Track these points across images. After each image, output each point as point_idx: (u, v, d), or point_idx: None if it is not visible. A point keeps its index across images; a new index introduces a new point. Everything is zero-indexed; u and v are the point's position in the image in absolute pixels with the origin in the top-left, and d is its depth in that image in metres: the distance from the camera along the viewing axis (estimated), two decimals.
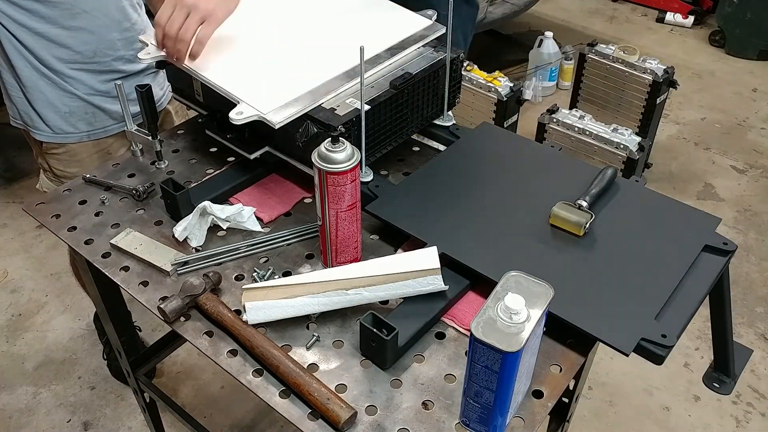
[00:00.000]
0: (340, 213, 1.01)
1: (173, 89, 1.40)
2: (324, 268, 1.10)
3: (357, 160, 0.98)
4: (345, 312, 1.02)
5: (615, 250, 1.09)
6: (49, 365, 2.18)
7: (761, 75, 3.71)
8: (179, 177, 1.29)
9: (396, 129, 1.24)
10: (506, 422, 0.87)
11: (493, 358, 0.77)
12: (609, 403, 2.06)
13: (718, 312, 1.19)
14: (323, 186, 0.99)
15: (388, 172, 1.32)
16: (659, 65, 2.66)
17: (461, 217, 1.15)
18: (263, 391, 0.93)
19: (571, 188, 1.17)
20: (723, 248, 1.09)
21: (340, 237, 1.04)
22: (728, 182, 2.96)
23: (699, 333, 2.26)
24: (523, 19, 3.98)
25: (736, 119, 3.37)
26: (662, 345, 0.93)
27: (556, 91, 3.57)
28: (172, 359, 2.12)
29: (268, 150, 1.25)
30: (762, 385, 2.11)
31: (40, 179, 1.65)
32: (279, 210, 1.22)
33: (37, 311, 2.37)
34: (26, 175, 2.98)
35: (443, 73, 1.28)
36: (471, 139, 1.33)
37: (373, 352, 0.95)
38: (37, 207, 1.25)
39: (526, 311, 0.78)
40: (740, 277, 2.46)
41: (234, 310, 1.02)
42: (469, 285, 1.05)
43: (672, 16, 4.19)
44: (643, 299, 1.00)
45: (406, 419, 0.89)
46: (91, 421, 2.01)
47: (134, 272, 1.11)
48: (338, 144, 0.97)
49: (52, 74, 1.46)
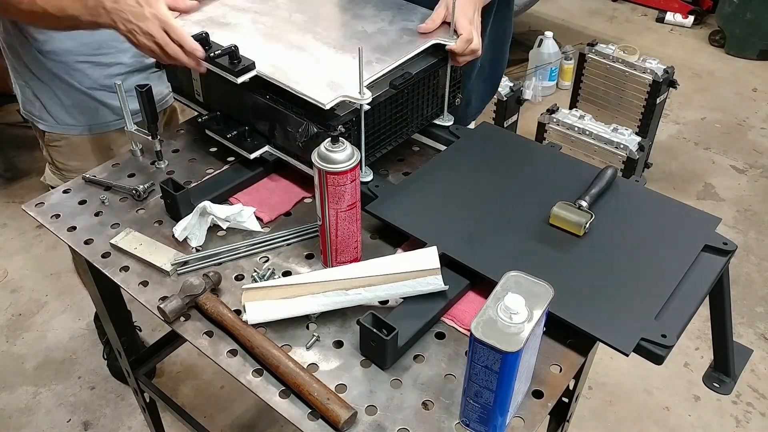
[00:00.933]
0: (340, 213, 1.01)
1: (173, 89, 1.40)
2: (324, 268, 1.10)
3: (357, 160, 0.98)
4: (345, 312, 1.02)
5: (615, 250, 1.09)
6: (49, 365, 2.18)
7: (761, 75, 3.71)
8: (179, 177, 1.29)
9: (396, 129, 1.24)
10: (506, 422, 0.87)
11: (493, 358, 0.77)
12: (609, 403, 2.06)
13: (718, 312, 1.19)
14: (323, 186, 0.99)
15: (388, 172, 1.32)
16: (659, 65, 2.66)
17: (461, 217, 1.14)
18: (263, 391, 0.93)
19: (571, 188, 1.17)
20: (723, 248, 1.08)
21: (340, 237, 1.04)
22: (728, 182, 2.96)
23: (699, 333, 2.26)
24: (523, 19, 3.98)
25: (736, 119, 3.37)
26: (662, 345, 0.93)
27: (556, 91, 3.57)
28: (172, 359, 2.12)
29: (268, 150, 1.25)
30: (762, 385, 2.11)
31: (45, 173, 1.66)
32: (279, 210, 1.22)
33: (37, 311, 2.37)
34: (26, 175, 2.98)
35: (443, 73, 1.28)
36: (471, 139, 1.33)
37: (373, 352, 0.95)
38: (37, 207, 1.25)
39: (526, 311, 0.78)
40: (740, 277, 2.46)
41: (234, 310, 1.02)
42: (469, 285, 1.05)
43: (672, 16, 4.19)
44: (643, 299, 1.00)
45: (406, 419, 0.89)
46: (91, 421, 2.01)
47: (134, 272, 1.11)
48: (338, 144, 0.97)
49: (57, 66, 1.46)
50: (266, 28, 1.28)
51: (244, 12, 1.33)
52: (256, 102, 1.20)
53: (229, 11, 1.33)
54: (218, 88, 1.21)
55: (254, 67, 1.14)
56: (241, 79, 1.13)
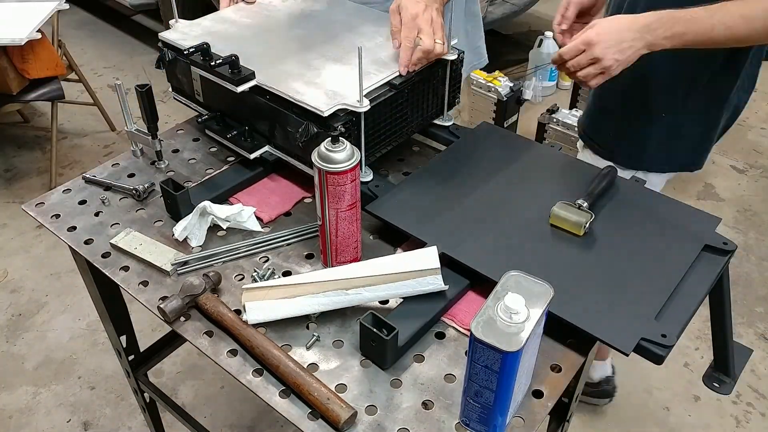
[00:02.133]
0: (340, 213, 1.01)
1: (173, 89, 1.40)
2: (324, 268, 1.10)
3: (357, 160, 0.98)
4: (345, 312, 1.02)
5: (615, 250, 1.09)
6: (49, 365, 2.18)
7: (761, 75, 3.70)
8: (179, 177, 1.29)
9: (396, 129, 1.24)
10: (506, 422, 0.87)
11: (493, 358, 0.77)
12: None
13: (718, 312, 1.19)
14: (323, 186, 0.99)
15: (388, 172, 1.32)
16: None
17: (461, 217, 1.15)
18: (263, 391, 0.93)
19: (571, 188, 1.17)
20: (723, 248, 1.09)
21: (340, 237, 1.05)
22: (728, 182, 2.96)
23: (699, 333, 2.26)
24: (523, 19, 3.98)
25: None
26: (662, 345, 0.93)
27: (556, 91, 3.56)
28: (172, 359, 2.12)
29: (268, 150, 1.25)
30: (762, 385, 2.11)
31: None
32: (279, 210, 1.22)
33: (37, 311, 2.37)
34: (26, 175, 2.98)
35: (443, 73, 1.28)
36: (471, 139, 1.33)
37: (373, 352, 0.95)
38: (37, 207, 1.25)
39: (526, 311, 0.78)
40: (740, 277, 2.46)
41: (234, 310, 1.02)
42: (469, 285, 1.05)
43: None
44: (643, 299, 1.00)
45: (406, 419, 0.89)
46: (91, 421, 2.01)
47: (134, 272, 1.11)
48: (338, 144, 0.97)
49: None
50: (266, 42, 1.30)
51: (245, 27, 1.35)
52: (256, 102, 1.20)
53: (230, 26, 1.35)
54: (218, 88, 1.21)
55: (254, 76, 1.17)
56: (240, 88, 1.15)
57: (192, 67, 1.27)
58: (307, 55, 1.26)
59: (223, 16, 1.40)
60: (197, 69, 1.26)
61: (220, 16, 1.40)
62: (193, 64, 1.25)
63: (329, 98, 1.12)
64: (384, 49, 1.26)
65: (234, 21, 1.38)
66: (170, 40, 1.30)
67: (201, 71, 1.25)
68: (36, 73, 2.64)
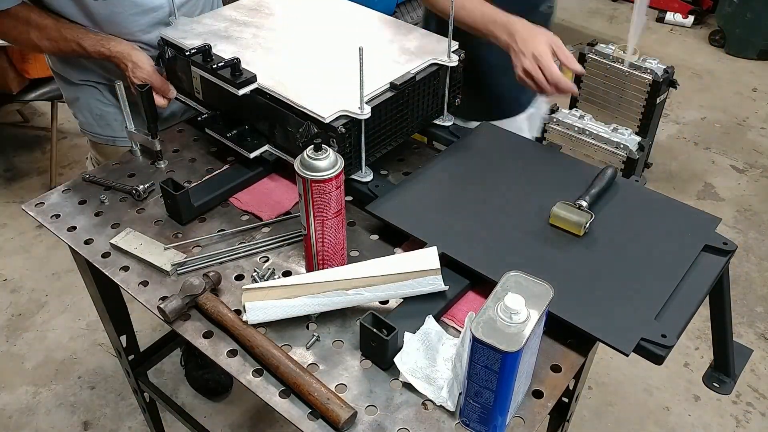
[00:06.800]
0: (327, 221, 1.00)
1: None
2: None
3: (341, 167, 0.96)
4: (345, 312, 1.02)
5: (615, 250, 1.09)
6: (49, 365, 2.18)
7: (761, 75, 3.71)
8: (179, 177, 1.29)
9: (396, 129, 1.24)
10: (506, 422, 0.87)
11: (493, 358, 0.77)
12: (609, 403, 2.06)
13: (718, 312, 1.19)
14: (308, 194, 0.97)
15: (388, 172, 1.32)
16: (659, 65, 2.66)
17: (461, 217, 1.14)
18: (263, 391, 0.93)
19: (571, 188, 1.17)
20: (723, 248, 1.09)
21: (327, 245, 1.03)
22: (728, 182, 2.96)
23: (699, 333, 2.26)
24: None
25: (736, 119, 3.37)
26: (662, 345, 0.93)
27: None
28: (172, 359, 2.12)
29: (268, 149, 1.25)
30: (762, 385, 2.11)
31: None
32: (279, 209, 1.22)
33: (37, 311, 2.37)
34: (26, 175, 2.98)
35: (443, 74, 1.28)
36: (471, 139, 1.33)
37: (373, 352, 0.95)
38: (37, 207, 1.25)
39: (526, 311, 0.78)
40: (740, 277, 2.46)
41: (234, 310, 1.02)
42: (469, 285, 1.05)
43: (672, 16, 4.19)
44: (643, 299, 1.00)
45: (406, 419, 0.89)
46: (91, 421, 2.01)
47: (134, 272, 1.11)
48: (321, 151, 0.95)
49: (89, 82, 1.49)
50: (267, 42, 1.30)
51: (246, 26, 1.35)
52: (256, 102, 1.20)
53: (231, 25, 1.35)
54: (219, 88, 1.21)
55: (255, 79, 1.17)
56: (242, 91, 1.16)
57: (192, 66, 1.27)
58: (307, 55, 1.26)
59: (224, 14, 1.40)
60: (198, 70, 1.26)
61: (220, 14, 1.40)
62: (194, 65, 1.25)
63: (330, 102, 1.11)
64: (385, 54, 1.26)
65: (234, 19, 1.37)
66: (170, 38, 1.30)
67: (202, 72, 1.25)
68: (36, 73, 2.64)
